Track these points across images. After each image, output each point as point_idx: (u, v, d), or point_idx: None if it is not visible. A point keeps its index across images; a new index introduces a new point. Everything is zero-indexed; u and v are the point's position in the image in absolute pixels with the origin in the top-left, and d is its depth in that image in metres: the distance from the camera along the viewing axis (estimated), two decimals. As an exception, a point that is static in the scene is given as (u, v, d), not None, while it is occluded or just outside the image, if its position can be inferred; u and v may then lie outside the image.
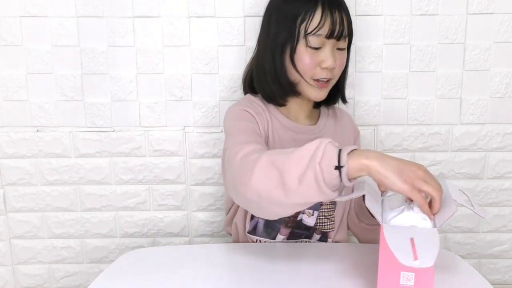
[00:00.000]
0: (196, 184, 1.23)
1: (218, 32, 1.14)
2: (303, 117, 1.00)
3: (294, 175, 0.68)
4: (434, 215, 0.69)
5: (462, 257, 0.90)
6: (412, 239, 0.63)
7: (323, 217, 0.98)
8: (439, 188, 0.67)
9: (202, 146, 1.20)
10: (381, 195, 0.76)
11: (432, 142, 1.20)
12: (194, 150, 1.20)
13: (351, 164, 0.66)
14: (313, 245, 0.97)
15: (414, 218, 0.68)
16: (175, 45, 1.15)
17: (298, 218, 0.96)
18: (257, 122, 0.91)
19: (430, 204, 0.69)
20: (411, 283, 0.66)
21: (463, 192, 0.77)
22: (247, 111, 0.92)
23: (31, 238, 1.25)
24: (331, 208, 0.98)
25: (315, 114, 1.03)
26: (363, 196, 0.72)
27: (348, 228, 1.07)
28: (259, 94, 0.99)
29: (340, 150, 0.68)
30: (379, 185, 0.73)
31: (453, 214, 0.66)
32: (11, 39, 1.14)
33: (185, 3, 1.13)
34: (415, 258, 0.60)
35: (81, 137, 1.19)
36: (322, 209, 0.97)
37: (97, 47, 1.15)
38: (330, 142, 0.70)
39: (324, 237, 0.99)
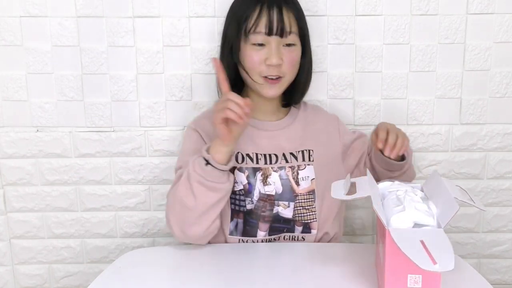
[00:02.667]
0: (196, 184, 1.22)
1: (218, 32, 1.14)
2: (268, 114, 1.04)
3: (188, 195, 0.86)
4: None
5: (462, 257, 0.90)
6: (422, 242, 0.62)
7: (301, 207, 0.98)
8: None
9: (202, 146, 1.20)
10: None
11: (432, 142, 1.20)
12: (194, 150, 1.20)
13: (214, 155, 0.85)
14: (312, 245, 0.97)
15: (417, 215, 0.67)
16: (175, 45, 1.15)
17: (274, 211, 0.97)
18: (202, 139, 0.99)
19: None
20: (419, 285, 0.66)
21: (461, 188, 0.77)
22: (196, 130, 1.01)
23: (31, 238, 1.25)
24: (309, 199, 0.98)
25: (283, 111, 1.06)
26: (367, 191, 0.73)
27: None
28: None
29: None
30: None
31: (456, 213, 0.65)
32: (11, 39, 1.14)
33: (185, 3, 1.13)
34: (434, 262, 0.58)
35: (81, 137, 1.19)
36: (298, 199, 0.98)
37: (97, 47, 1.15)
38: (197, 156, 0.87)
39: (307, 228, 0.98)
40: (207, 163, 0.85)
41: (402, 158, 0.98)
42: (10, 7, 1.12)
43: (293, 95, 1.04)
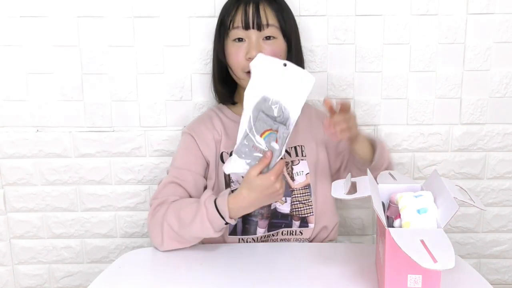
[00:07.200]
0: (196, 184, 1.22)
1: (218, 32, 1.14)
2: None
3: (198, 239, 0.91)
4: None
5: (462, 257, 0.90)
6: (422, 241, 0.62)
7: (297, 202, 0.99)
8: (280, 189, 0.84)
9: (202, 146, 1.20)
10: None
11: (432, 142, 1.20)
12: (194, 150, 1.20)
13: (235, 216, 0.86)
14: (312, 245, 0.97)
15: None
16: (175, 45, 1.15)
17: (272, 207, 0.98)
18: (196, 143, 1.01)
19: None
20: (419, 285, 0.66)
21: (461, 188, 0.78)
22: (190, 135, 1.02)
23: (31, 238, 1.25)
24: (305, 193, 0.99)
25: None
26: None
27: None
28: (220, 104, 1.10)
29: (217, 208, 0.85)
30: None
31: (455, 212, 0.66)
32: (11, 39, 1.14)
33: (185, 3, 1.13)
34: (435, 261, 0.58)
35: (81, 137, 1.19)
36: (294, 194, 0.99)
37: (97, 47, 1.15)
38: (204, 202, 0.86)
39: (304, 223, 0.99)
40: (227, 223, 0.87)
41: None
42: (10, 7, 1.12)
43: None
